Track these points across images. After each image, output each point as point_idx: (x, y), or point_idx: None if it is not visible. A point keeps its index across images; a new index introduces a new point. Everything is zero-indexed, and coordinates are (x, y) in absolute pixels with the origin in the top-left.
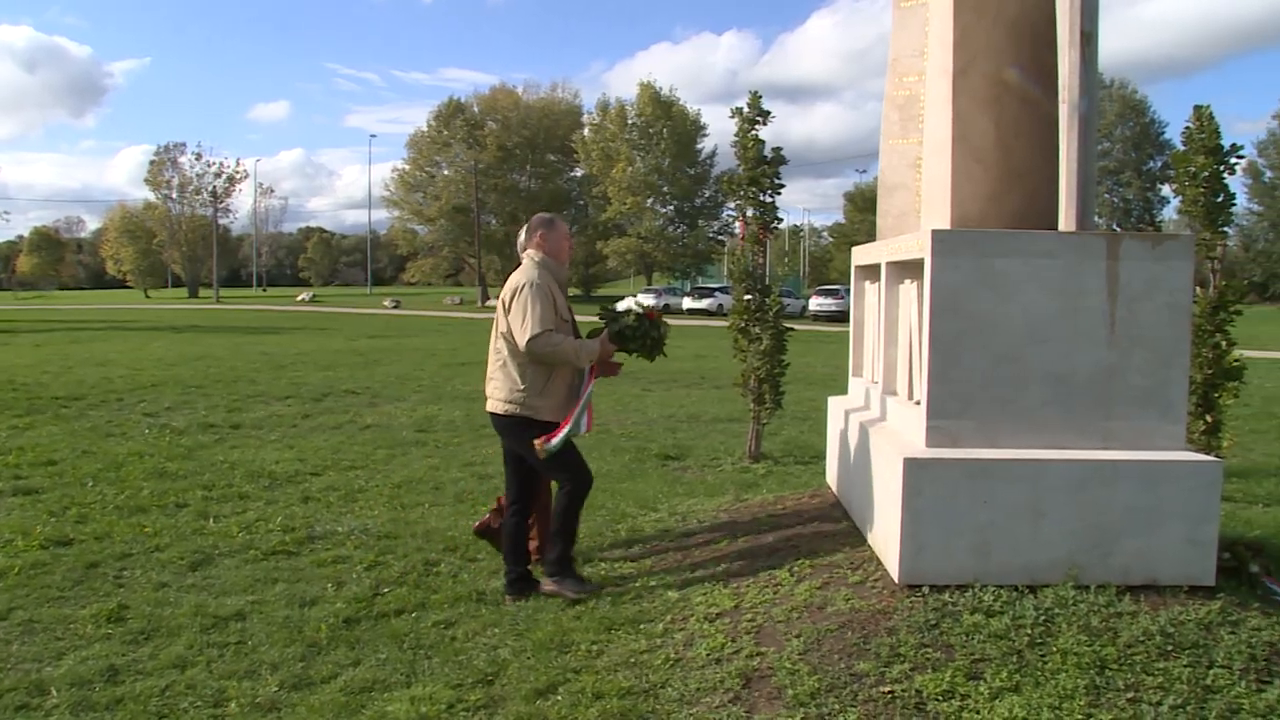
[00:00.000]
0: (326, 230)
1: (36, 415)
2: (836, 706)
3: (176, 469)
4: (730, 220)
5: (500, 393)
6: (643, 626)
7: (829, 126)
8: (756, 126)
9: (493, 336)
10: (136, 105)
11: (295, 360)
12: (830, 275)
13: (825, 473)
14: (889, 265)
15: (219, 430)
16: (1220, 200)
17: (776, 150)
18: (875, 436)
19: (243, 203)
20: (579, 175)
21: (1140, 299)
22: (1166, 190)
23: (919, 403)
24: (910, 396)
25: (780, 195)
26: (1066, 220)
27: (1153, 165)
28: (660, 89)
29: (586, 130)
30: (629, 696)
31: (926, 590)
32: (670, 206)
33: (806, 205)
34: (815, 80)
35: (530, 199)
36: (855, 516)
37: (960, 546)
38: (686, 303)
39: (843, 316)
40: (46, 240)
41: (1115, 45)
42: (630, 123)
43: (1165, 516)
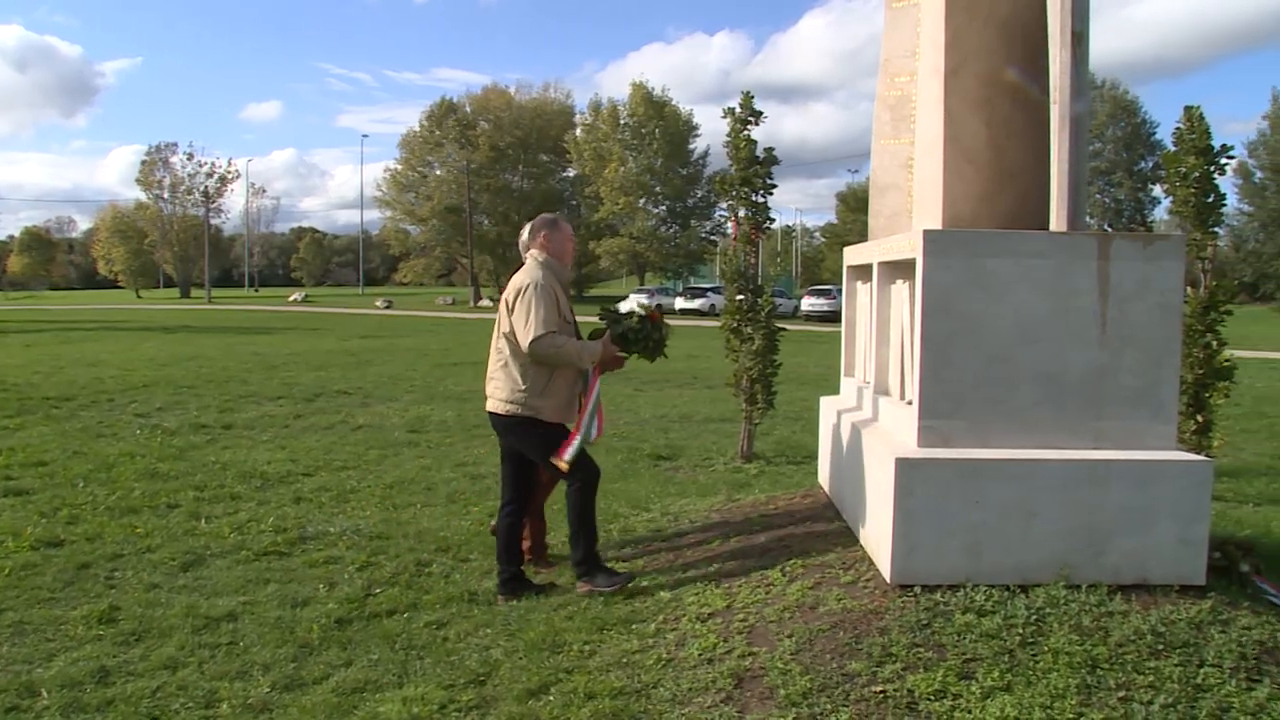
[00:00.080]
0: (319, 230)
1: (27, 416)
2: (828, 706)
3: (168, 469)
4: (722, 220)
5: (501, 393)
6: (635, 626)
7: (821, 127)
8: (749, 127)
9: (494, 336)
10: (128, 105)
11: (287, 360)
12: (823, 275)
13: (817, 473)
14: (881, 265)
15: (211, 430)
16: (1211, 201)
17: (769, 150)
18: (867, 436)
19: (235, 203)
20: (571, 175)
21: (1131, 299)
22: (1158, 191)
23: (911, 403)
24: (902, 396)
25: (772, 195)
26: (1058, 220)
27: (1144, 166)
28: (652, 89)
29: (579, 130)
30: (621, 696)
31: (918, 590)
32: (663, 207)
33: (799, 205)
34: (807, 80)
35: (523, 199)
36: (847, 516)
37: (952, 546)
38: (679, 303)
39: (835, 317)
40: (37, 240)
41: (1107, 46)
42: (622, 123)
43: (1156, 516)
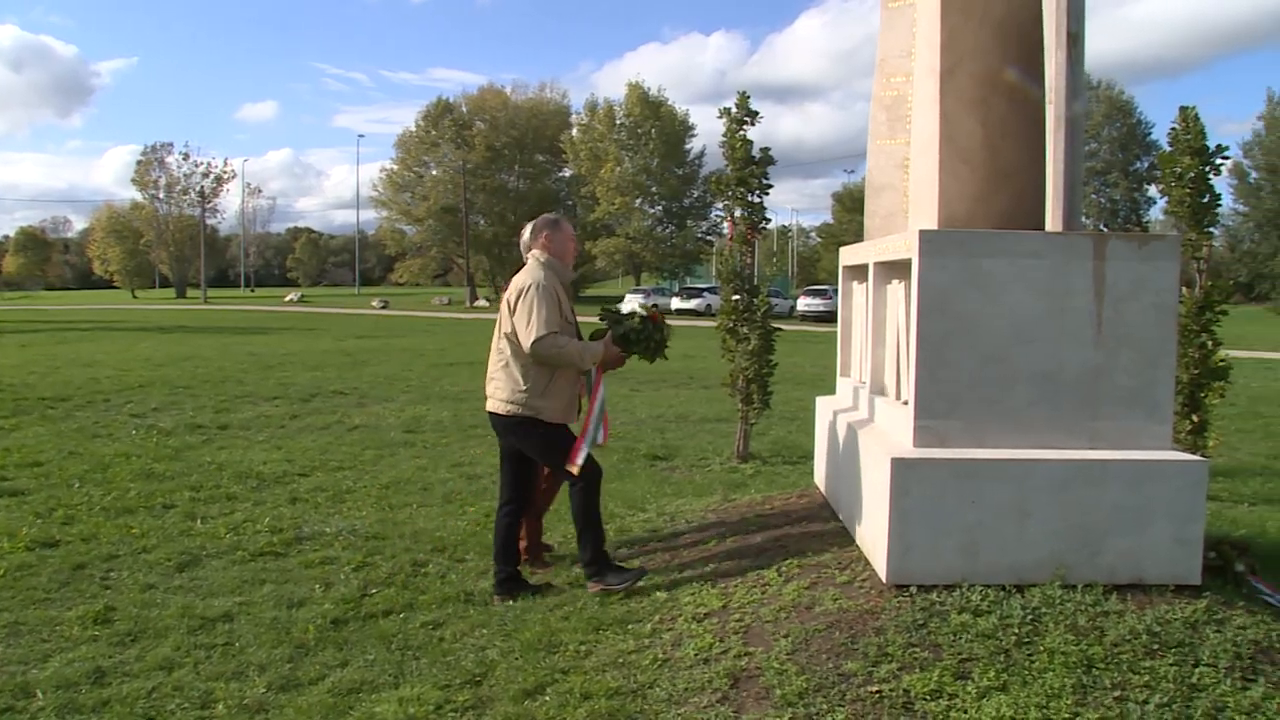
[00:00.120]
0: (314, 230)
1: (22, 416)
2: (824, 706)
3: (164, 470)
4: (718, 220)
5: (502, 393)
6: (631, 627)
7: (817, 127)
8: (744, 127)
9: (495, 336)
10: (123, 105)
11: (283, 361)
12: (818, 275)
13: (813, 473)
14: (876, 265)
15: (206, 431)
16: (1206, 201)
17: (764, 150)
18: (863, 437)
19: (230, 203)
20: (567, 175)
21: (1127, 299)
22: (1153, 191)
23: (907, 403)
24: (898, 396)
25: (768, 195)
26: (1054, 220)
27: (1140, 166)
28: (648, 89)
29: (575, 130)
30: (617, 697)
31: (914, 590)
32: (658, 207)
33: (794, 205)
34: (803, 81)
35: (518, 199)
36: (843, 516)
37: (948, 546)
38: (675, 303)
39: (831, 317)
40: (33, 240)
41: (1102, 46)
42: (618, 123)
43: (1152, 516)
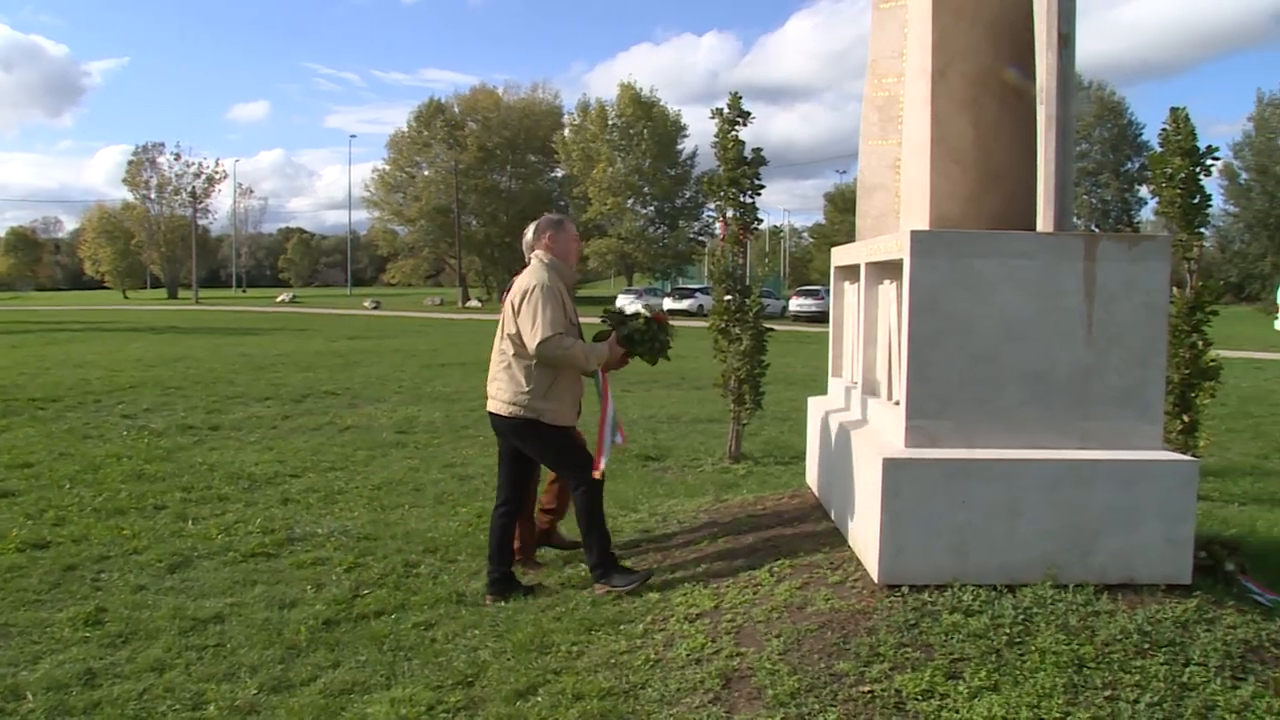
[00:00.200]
0: (306, 231)
1: (13, 417)
2: (816, 706)
3: (155, 471)
4: (711, 221)
5: (504, 394)
6: (623, 627)
7: (809, 127)
8: (737, 127)
9: (498, 337)
10: (115, 105)
11: (275, 361)
12: (810, 276)
13: (805, 473)
14: (868, 266)
15: (198, 432)
16: (1196, 202)
17: (756, 151)
18: (855, 437)
19: (222, 203)
20: (559, 176)
21: (1117, 299)
22: (1144, 192)
23: (898, 403)
24: (889, 397)
25: (760, 196)
26: (1045, 221)
27: (1131, 167)
28: (641, 90)
29: (567, 131)
30: (609, 697)
31: (906, 590)
32: (651, 207)
33: (787, 206)
34: (795, 81)
35: (511, 200)
36: (835, 517)
37: (939, 546)
38: (667, 303)
39: (823, 317)
40: (23, 241)
41: (1094, 47)
42: (611, 123)
43: (1143, 516)
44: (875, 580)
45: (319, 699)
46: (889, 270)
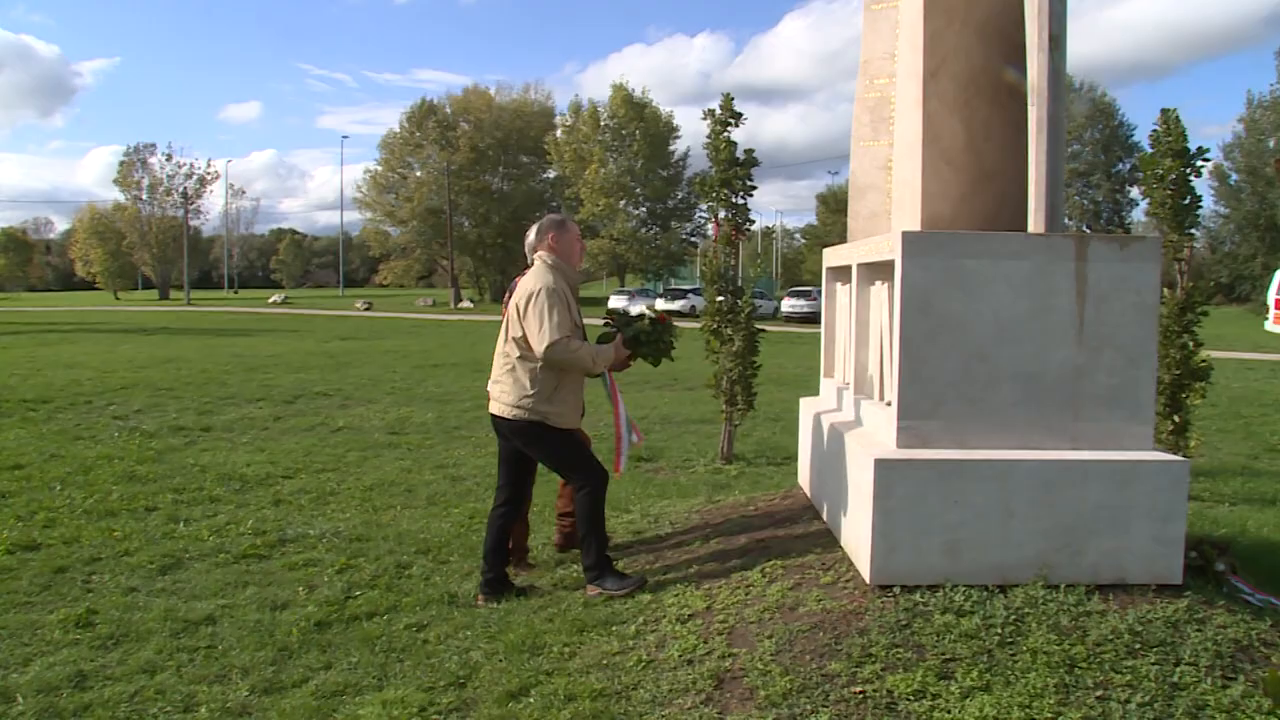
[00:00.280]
0: (298, 232)
1: (3, 418)
2: (808, 707)
3: (146, 472)
4: (703, 222)
5: (508, 397)
6: (615, 628)
7: (801, 128)
8: (729, 128)
9: (500, 339)
10: (106, 105)
11: (267, 362)
12: (803, 277)
13: (797, 474)
14: (860, 267)
15: (189, 433)
16: (1187, 203)
17: (749, 152)
18: (847, 438)
19: (214, 204)
20: (552, 177)
21: (1108, 300)
22: (1135, 193)
23: (890, 403)
24: (881, 397)
25: (752, 197)
26: (1036, 221)
27: (1122, 168)
28: (633, 90)
29: (559, 132)
30: (601, 698)
31: (898, 590)
32: (643, 208)
33: (779, 207)
34: (787, 82)
35: (503, 200)
36: (827, 517)
37: (931, 547)
38: (659, 304)
39: (815, 318)
40: (14, 241)
41: (1085, 49)
42: (603, 124)
43: (1134, 516)
44: (867, 581)
45: (311, 701)
46: (881, 271)
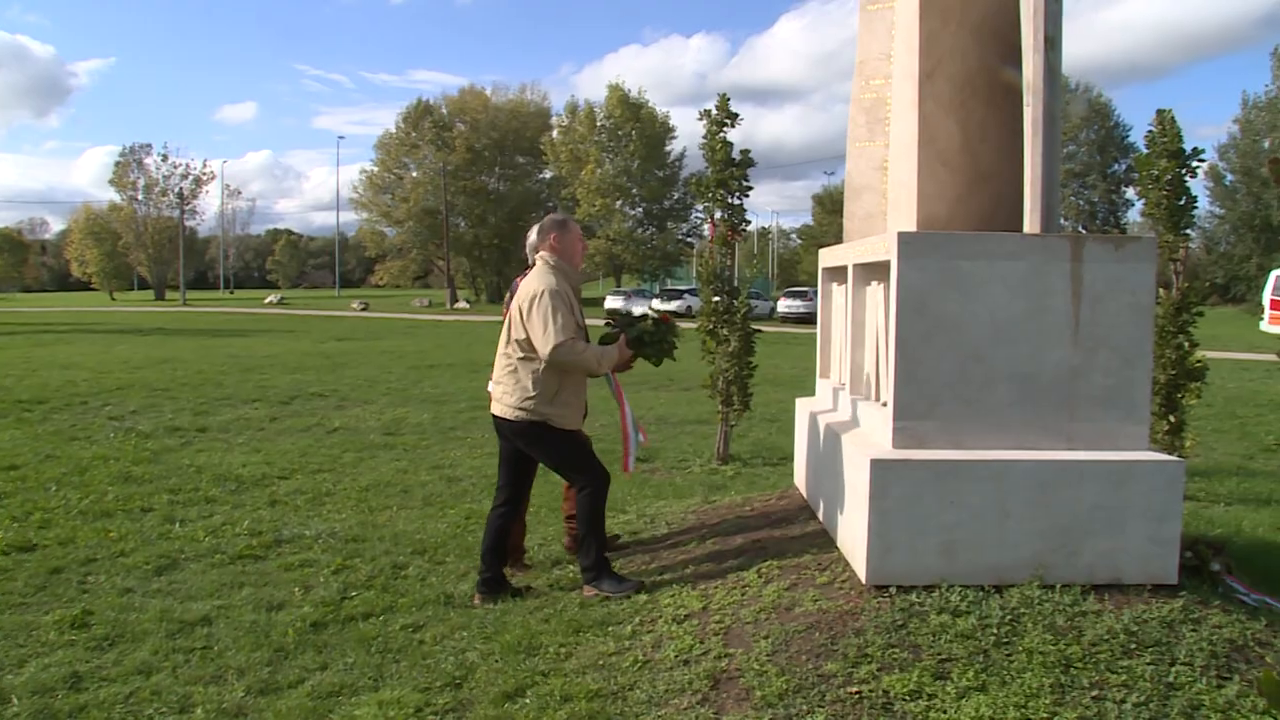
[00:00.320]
0: (294, 232)
1: None
2: (804, 707)
3: (142, 473)
4: (699, 222)
5: (510, 398)
6: (611, 629)
7: (797, 129)
8: (725, 129)
9: (502, 340)
10: (101, 105)
11: (262, 363)
12: (799, 277)
13: (793, 474)
14: (856, 267)
15: (185, 433)
16: (1183, 203)
17: (745, 152)
18: (843, 438)
19: (209, 204)
20: (548, 177)
21: (1104, 300)
22: (1131, 193)
23: (886, 404)
24: (877, 398)
25: (748, 197)
26: (1031, 222)
27: (1117, 168)
28: (629, 91)
29: (555, 132)
30: (597, 699)
31: (894, 591)
32: (639, 209)
33: (775, 207)
34: (783, 83)
35: (499, 201)
36: (823, 518)
37: (927, 547)
38: (655, 304)
39: (811, 318)
40: (9, 242)
41: (1081, 49)
42: (599, 125)
43: (1129, 516)
44: (863, 581)
45: (306, 701)
46: (877, 271)
